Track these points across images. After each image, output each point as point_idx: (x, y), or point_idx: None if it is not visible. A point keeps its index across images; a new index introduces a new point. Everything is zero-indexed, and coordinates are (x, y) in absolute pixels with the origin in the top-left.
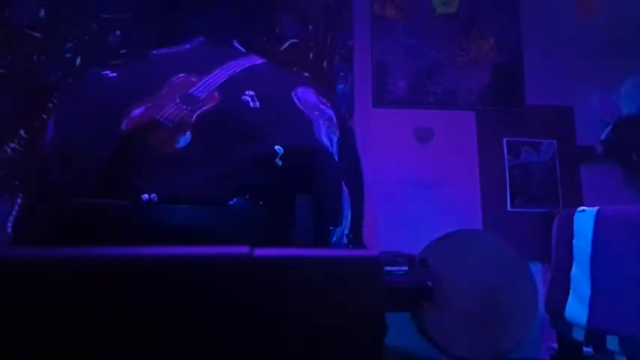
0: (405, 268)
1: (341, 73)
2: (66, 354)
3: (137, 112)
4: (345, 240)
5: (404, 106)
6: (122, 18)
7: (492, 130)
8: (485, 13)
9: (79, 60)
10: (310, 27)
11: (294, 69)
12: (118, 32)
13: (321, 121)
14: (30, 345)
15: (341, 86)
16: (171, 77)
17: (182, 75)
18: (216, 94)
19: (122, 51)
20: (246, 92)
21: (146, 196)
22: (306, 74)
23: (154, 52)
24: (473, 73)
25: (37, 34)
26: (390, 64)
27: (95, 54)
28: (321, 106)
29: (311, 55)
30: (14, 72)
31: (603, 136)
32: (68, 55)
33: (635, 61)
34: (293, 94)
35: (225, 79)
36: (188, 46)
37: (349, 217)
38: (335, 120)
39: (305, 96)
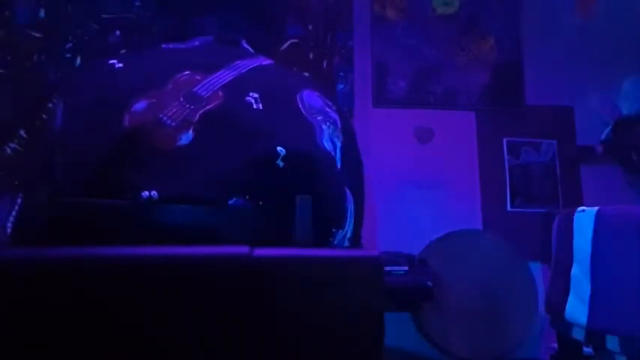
0: (405, 268)
1: (341, 73)
2: (66, 354)
3: (139, 106)
4: (347, 243)
5: (404, 106)
6: (122, 18)
7: (492, 130)
8: (485, 13)
9: (79, 60)
10: (310, 27)
11: (295, 69)
12: (117, 32)
13: (324, 126)
14: (29, 345)
15: (341, 86)
16: (176, 74)
17: (187, 72)
18: (220, 93)
19: (122, 51)
20: (251, 93)
21: (146, 193)
22: (307, 75)
23: (164, 45)
24: (473, 73)
25: (37, 34)
26: (390, 64)
27: (95, 54)
28: (327, 109)
29: (311, 55)
30: (14, 72)
31: (603, 136)
32: (68, 55)
33: (635, 61)
34: (298, 97)
35: (230, 78)
36: (197, 43)
37: (352, 221)
38: (339, 124)
39: (310, 100)
